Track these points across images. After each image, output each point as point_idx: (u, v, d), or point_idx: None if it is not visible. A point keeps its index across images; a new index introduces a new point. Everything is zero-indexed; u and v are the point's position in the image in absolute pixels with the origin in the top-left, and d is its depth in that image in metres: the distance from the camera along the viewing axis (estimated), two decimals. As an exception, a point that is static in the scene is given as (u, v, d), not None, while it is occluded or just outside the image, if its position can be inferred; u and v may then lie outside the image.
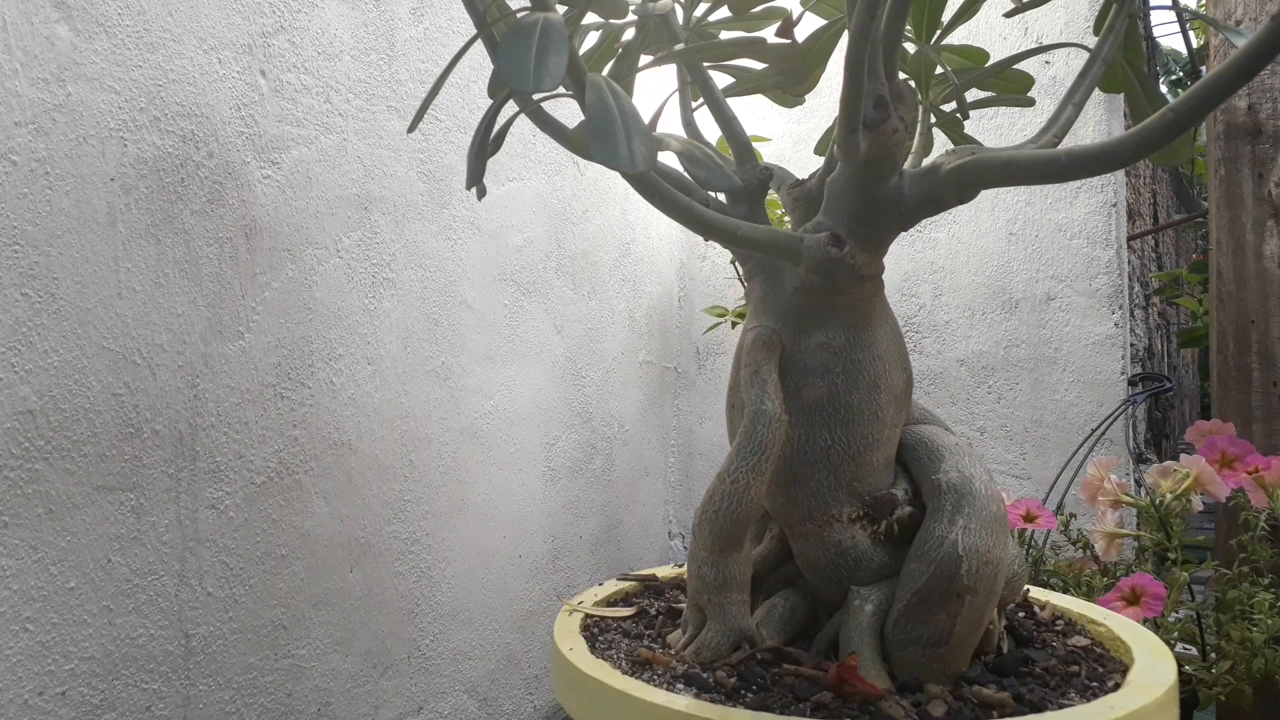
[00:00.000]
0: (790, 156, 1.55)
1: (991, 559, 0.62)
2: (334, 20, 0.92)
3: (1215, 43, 1.31)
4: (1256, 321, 1.26)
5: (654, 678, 0.62)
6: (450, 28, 1.08)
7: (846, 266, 0.65)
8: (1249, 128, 1.27)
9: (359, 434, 0.94)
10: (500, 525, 1.14)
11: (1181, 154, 0.74)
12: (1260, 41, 0.46)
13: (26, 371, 0.65)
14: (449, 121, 1.08)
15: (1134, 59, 0.72)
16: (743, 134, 0.78)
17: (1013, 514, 1.02)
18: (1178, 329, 2.40)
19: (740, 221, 0.65)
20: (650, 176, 0.60)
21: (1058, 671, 0.64)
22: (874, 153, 0.64)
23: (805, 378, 0.67)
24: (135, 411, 0.73)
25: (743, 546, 0.66)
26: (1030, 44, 1.37)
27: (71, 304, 0.68)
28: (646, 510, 1.52)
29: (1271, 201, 1.25)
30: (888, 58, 0.64)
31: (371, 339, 0.96)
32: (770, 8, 0.74)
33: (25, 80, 0.65)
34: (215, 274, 0.80)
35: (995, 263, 1.39)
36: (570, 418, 1.30)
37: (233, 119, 0.82)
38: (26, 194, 0.65)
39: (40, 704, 0.66)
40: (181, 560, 0.76)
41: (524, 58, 0.49)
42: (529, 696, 1.20)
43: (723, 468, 0.66)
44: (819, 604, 0.71)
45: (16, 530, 0.65)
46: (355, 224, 0.95)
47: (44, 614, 0.67)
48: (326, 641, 0.90)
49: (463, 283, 1.09)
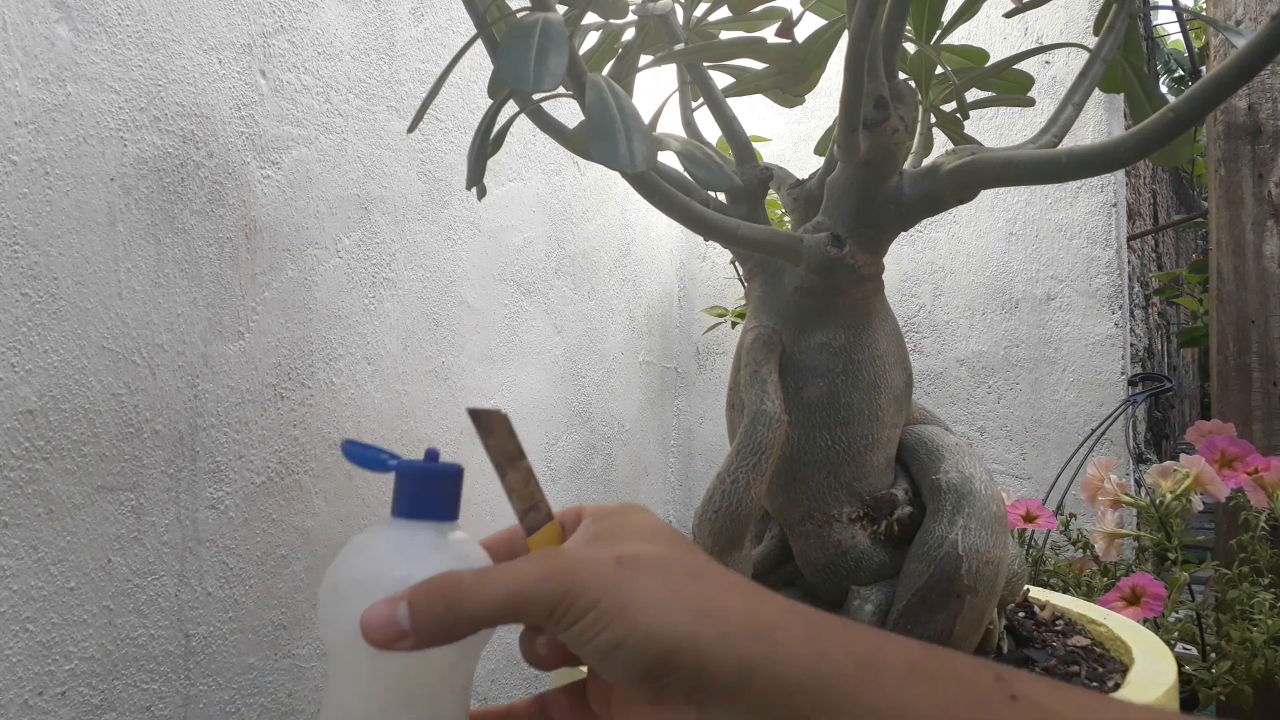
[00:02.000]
0: (790, 156, 1.55)
1: (991, 559, 0.61)
2: (334, 20, 0.92)
3: (1215, 43, 1.31)
4: (1256, 321, 1.26)
5: (654, 678, 0.62)
6: (450, 28, 1.08)
7: (846, 266, 0.65)
8: (1249, 128, 1.27)
9: (359, 434, 0.94)
10: (501, 525, 1.14)
11: (1181, 154, 0.74)
12: (1260, 41, 0.46)
13: (26, 371, 0.65)
14: (449, 121, 1.08)
15: (1134, 59, 0.72)
16: (743, 134, 0.78)
17: (1013, 514, 1.02)
18: (1178, 329, 2.40)
19: (740, 221, 0.65)
20: (650, 176, 0.60)
21: (1058, 672, 0.64)
22: (874, 153, 0.64)
23: (805, 378, 0.67)
24: (135, 411, 0.73)
25: (743, 546, 0.66)
26: (1030, 44, 1.37)
27: (71, 304, 0.68)
28: (646, 510, 1.52)
29: (1271, 201, 1.25)
30: (888, 58, 0.64)
31: (371, 339, 0.96)
32: (770, 8, 0.74)
33: (25, 80, 0.65)
34: (215, 274, 0.80)
35: (995, 263, 1.39)
36: (570, 418, 1.30)
37: (233, 119, 0.82)
38: (26, 194, 0.65)
39: (40, 704, 0.66)
40: (181, 560, 0.76)
41: (524, 58, 0.49)
42: (529, 696, 1.20)
43: (723, 468, 0.66)
44: (819, 604, 0.70)
45: (16, 530, 0.65)
46: (355, 224, 0.95)
47: (44, 614, 0.67)
48: (326, 641, 0.90)
49: (463, 283, 1.09)
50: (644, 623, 0.28)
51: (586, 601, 0.29)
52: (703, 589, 0.30)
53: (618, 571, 0.29)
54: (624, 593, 0.29)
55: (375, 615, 0.30)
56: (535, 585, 0.29)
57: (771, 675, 0.27)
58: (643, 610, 0.28)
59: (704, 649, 0.28)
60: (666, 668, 0.28)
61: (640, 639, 0.28)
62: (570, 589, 0.29)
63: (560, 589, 0.29)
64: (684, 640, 0.28)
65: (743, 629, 0.28)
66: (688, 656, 0.27)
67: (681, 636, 0.28)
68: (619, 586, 0.29)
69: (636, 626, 0.28)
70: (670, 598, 0.29)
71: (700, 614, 0.28)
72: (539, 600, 0.29)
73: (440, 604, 0.30)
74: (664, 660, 0.28)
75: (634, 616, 0.28)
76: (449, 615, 0.30)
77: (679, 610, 0.28)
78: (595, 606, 0.28)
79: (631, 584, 0.29)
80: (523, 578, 0.30)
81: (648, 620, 0.28)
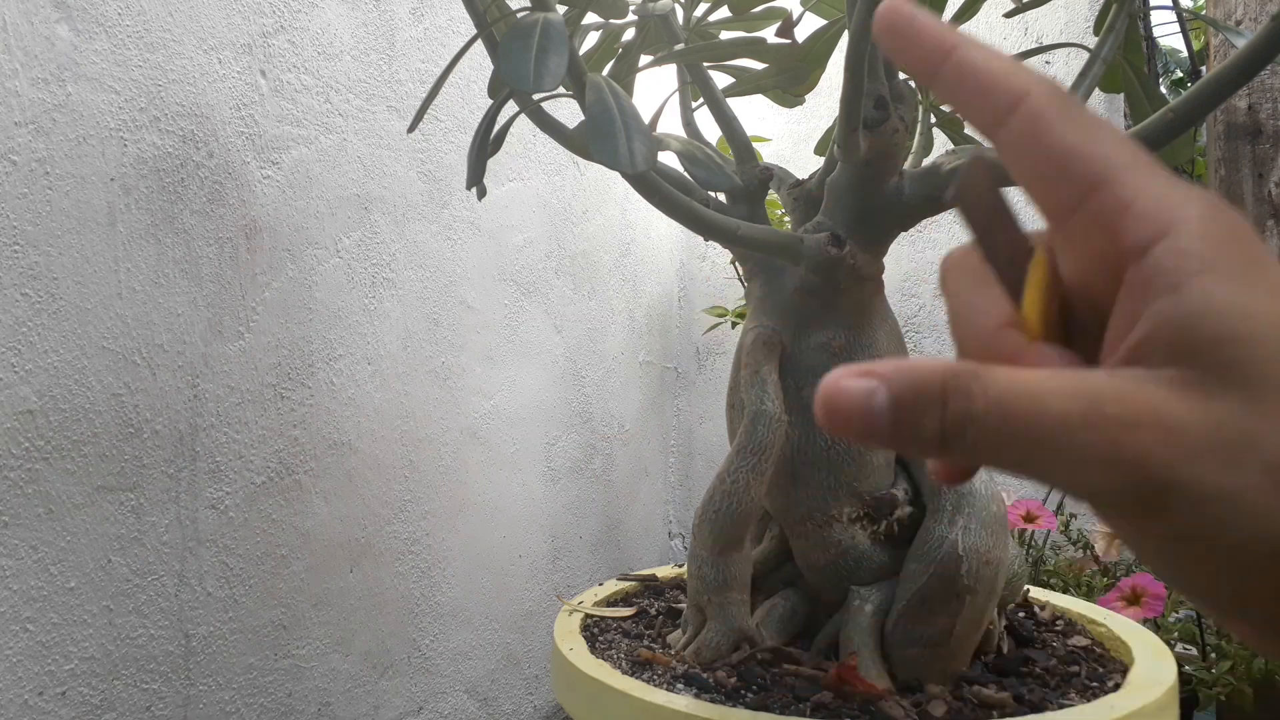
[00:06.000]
0: (790, 156, 1.55)
1: (991, 559, 0.62)
2: (334, 20, 0.92)
3: (1215, 43, 1.31)
4: (1256, 321, 1.26)
5: (654, 678, 0.62)
6: (450, 28, 1.08)
7: (847, 266, 0.65)
8: (1249, 128, 1.27)
9: (359, 434, 0.94)
10: (500, 525, 1.14)
11: (1181, 154, 0.74)
12: (1260, 41, 0.46)
13: (26, 371, 0.65)
14: (449, 121, 1.08)
15: (1134, 59, 0.72)
16: (743, 134, 0.78)
17: (1013, 514, 1.02)
18: (1178, 329, 2.39)
19: (740, 221, 0.65)
20: (650, 176, 0.61)
21: (1058, 672, 0.64)
22: (874, 153, 0.64)
23: (805, 378, 0.67)
24: (135, 411, 0.73)
25: (743, 546, 0.66)
26: (1030, 44, 1.37)
27: (71, 304, 0.68)
28: (646, 510, 1.52)
29: (1271, 201, 1.25)
30: (888, 58, 0.64)
31: (371, 339, 0.96)
32: (770, 8, 0.74)
33: (25, 80, 0.65)
34: (215, 274, 0.80)
35: (995, 263, 1.39)
36: (570, 418, 1.30)
37: (233, 119, 0.82)
38: (26, 194, 0.65)
39: (40, 704, 0.66)
40: (181, 560, 0.76)
41: (524, 58, 0.49)
42: (529, 696, 1.20)
43: (723, 468, 0.66)
44: (819, 604, 0.71)
45: (16, 530, 0.65)
46: (355, 224, 0.95)
47: (44, 614, 0.67)
48: (326, 641, 0.90)
49: (463, 283, 1.09)
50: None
51: (1202, 522, 0.18)
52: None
53: (1276, 500, 0.17)
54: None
55: (843, 386, 0.18)
56: (1100, 474, 0.18)
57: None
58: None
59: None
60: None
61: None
62: (1169, 494, 0.18)
63: (1156, 487, 0.18)
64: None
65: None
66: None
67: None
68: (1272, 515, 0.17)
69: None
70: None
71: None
72: (1102, 493, 0.18)
73: (933, 424, 0.18)
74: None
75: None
76: (944, 444, 0.18)
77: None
78: (1217, 539, 0.18)
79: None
80: (1078, 449, 0.18)
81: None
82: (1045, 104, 0.21)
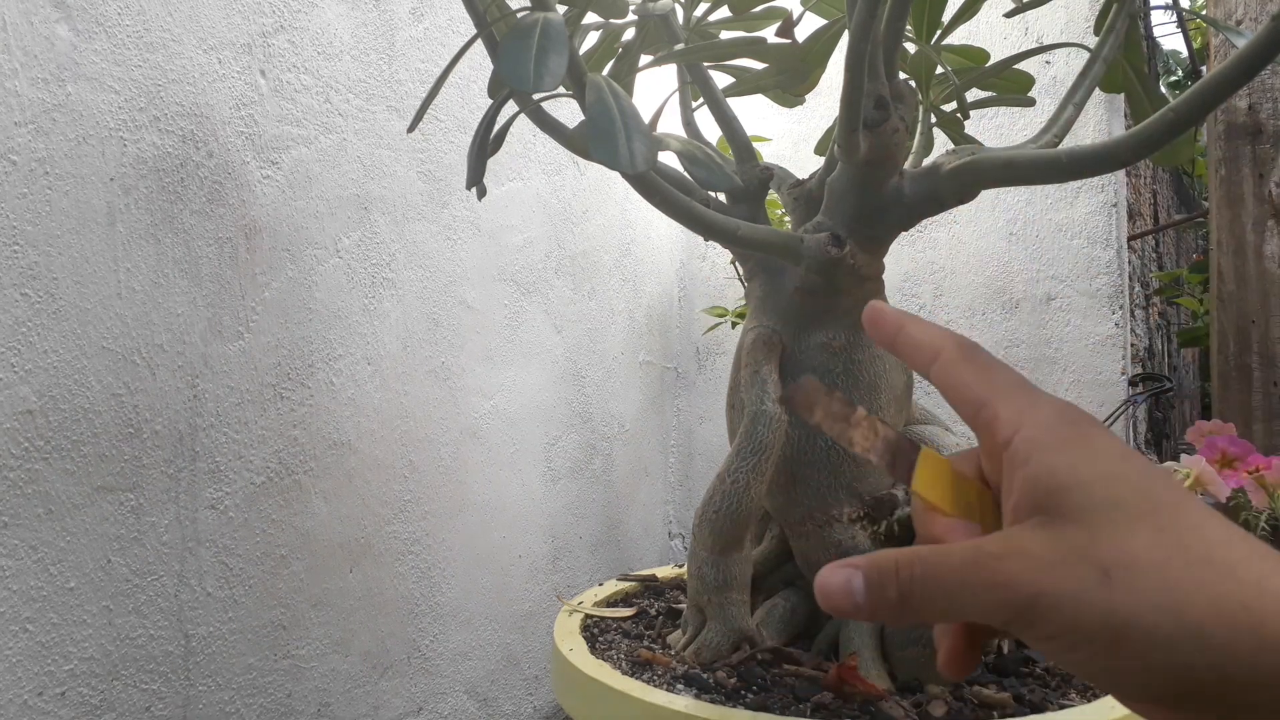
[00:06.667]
0: (790, 156, 1.55)
1: (992, 559, 0.61)
2: (334, 20, 0.92)
3: (1215, 43, 1.31)
4: (1257, 321, 1.26)
5: (654, 678, 0.62)
6: (450, 28, 1.08)
7: (847, 266, 0.65)
8: (1249, 128, 1.27)
9: (359, 434, 0.94)
10: (500, 525, 1.14)
11: (1182, 154, 0.74)
12: (1260, 41, 0.46)
13: (26, 371, 0.65)
14: (449, 121, 1.08)
15: (1134, 59, 0.72)
16: (743, 134, 0.78)
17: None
18: (1178, 329, 2.40)
19: (740, 221, 0.65)
20: (650, 176, 0.60)
21: (1058, 672, 0.64)
22: (874, 153, 0.64)
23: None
24: (135, 411, 0.73)
25: (743, 546, 0.66)
26: (1030, 44, 1.37)
27: (71, 304, 0.68)
28: (646, 510, 1.52)
29: (1272, 201, 1.25)
30: (888, 58, 0.64)
31: (371, 339, 0.96)
32: (770, 8, 0.74)
33: (25, 80, 0.65)
34: (215, 274, 0.80)
35: (995, 263, 1.39)
36: (570, 418, 1.30)
37: (233, 119, 0.81)
38: (26, 194, 0.65)
39: (40, 704, 0.66)
40: (181, 560, 0.76)
41: (524, 58, 0.49)
42: (529, 696, 1.20)
43: (723, 468, 0.66)
44: (819, 605, 0.70)
45: (16, 530, 0.65)
46: (355, 224, 0.95)
47: (44, 614, 0.67)
48: (326, 642, 0.90)
49: (463, 283, 1.09)
50: (1157, 660, 0.23)
51: (1061, 621, 0.24)
52: (1220, 589, 0.23)
53: (1105, 593, 0.24)
54: (1119, 620, 0.24)
55: (831, 579, 0.28)
56: (986, 598, 0.25)
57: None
58: (1152, 648, 0.23)
59: (1247, 677, 0.23)
60: (1191, 696, 0.23)
61: (1147, 673, 0.24)
62: (1034, 603, 0.25)
63: (1024, 601, 0.25)
64: (1208, 675, 0.23)
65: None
66: (1217, 687, 0.23)
67: (1206, 670, 0.23)
68: (1111, 612, 0.24)
69: (1144, 660, 0.24)
70: (1186, 625, 0.23)
71: (1230, 644, 0.23)
72: (992, 615, 0.25)
73: (893, 590, 0.27)
74: (1189, 693, 0.23)
75: (1136, 648, 0.24)
76: (901, 605, 0.27)
77: (1199, 639, 0.23)
78: (1074, 632, 0.24)
79: (1128, 609, 0.24)
80: (970, 584, 0.26)
81: (1160, 658, 0.23)
82: (954, 355, 0.31)
